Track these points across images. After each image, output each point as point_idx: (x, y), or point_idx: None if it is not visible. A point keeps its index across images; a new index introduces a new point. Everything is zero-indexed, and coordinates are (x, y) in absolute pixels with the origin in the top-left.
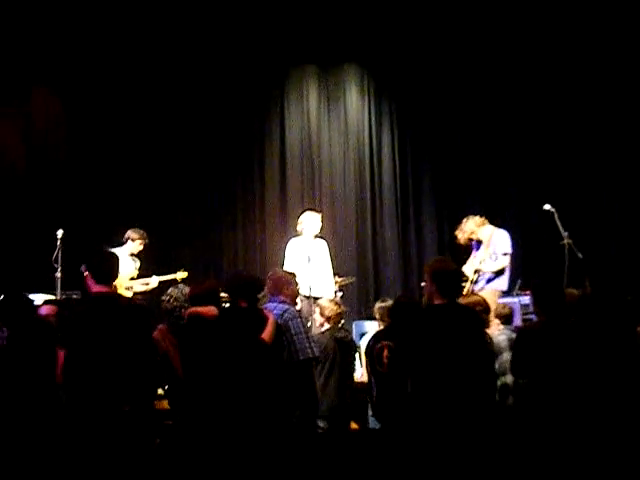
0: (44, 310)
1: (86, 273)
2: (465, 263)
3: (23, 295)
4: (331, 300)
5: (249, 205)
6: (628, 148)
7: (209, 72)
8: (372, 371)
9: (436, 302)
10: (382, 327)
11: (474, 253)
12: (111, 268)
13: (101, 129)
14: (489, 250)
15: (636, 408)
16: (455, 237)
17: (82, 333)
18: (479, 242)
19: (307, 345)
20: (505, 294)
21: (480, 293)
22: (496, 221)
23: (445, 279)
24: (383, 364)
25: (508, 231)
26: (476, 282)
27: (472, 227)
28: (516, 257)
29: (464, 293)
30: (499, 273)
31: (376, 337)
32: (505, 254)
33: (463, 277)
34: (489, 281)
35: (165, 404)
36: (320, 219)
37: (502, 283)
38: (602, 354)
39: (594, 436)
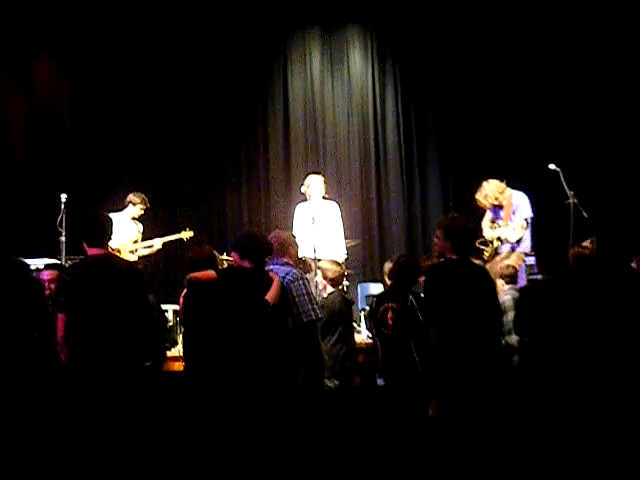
0: (45, 275)
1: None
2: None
3: (11, 257)
4: (332, 261)
5: (253, 168)
6: (632, 106)
7: (212, 34)
8: (377, 333)
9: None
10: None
11: (490, 216)
12: (103, 230)
13: (104, 94)
14: (515, 217)
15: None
16: (474, 200)
17: (79, 296)
18: (496, 206)
19: (310, 307)
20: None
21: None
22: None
23: (461, 236)
24: (388, 326)
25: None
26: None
27: (496, 193)
28: None
29: (486, 259)
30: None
31: (379, 299)
32: (526, 219)
33: (481, 239)
34: (513, 249)
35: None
36: (323, 181)
37: (525, 246)
38: (606, 313)
39: (597, 394)
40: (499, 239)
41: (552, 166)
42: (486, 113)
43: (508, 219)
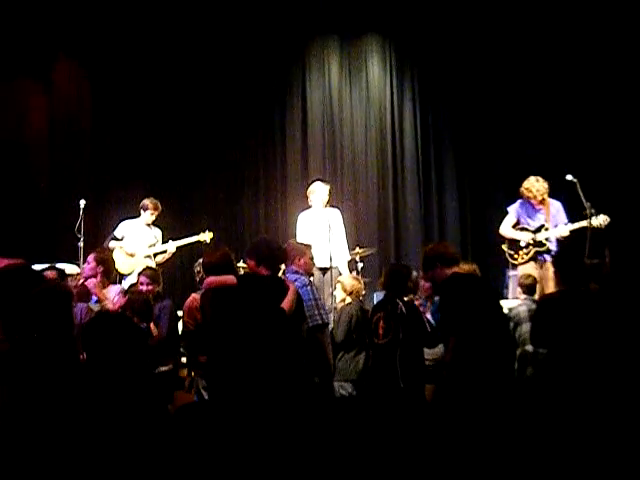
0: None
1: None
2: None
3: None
4: (353, 277)
5: (271, 176)
6: None
7: (232, 42)
8: (369, 342)
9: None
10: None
11: (513, 220)
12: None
13: (126, 98)
14: (552, 221)
15: None
16: (524, 192)
17: None
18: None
19: (316, 312)
20: None
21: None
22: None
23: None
24: (379, 335)
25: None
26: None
27: (544, 192)
28: None
29: (518, 263)
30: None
31: (373, 309)
32: (567, 224)
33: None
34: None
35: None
36: (328, 190)
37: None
38: (622, 324)
39: (611, 406)
40: (547, 239)
41: (569, 177)
42: (504, 124)
43: (550, 222)
